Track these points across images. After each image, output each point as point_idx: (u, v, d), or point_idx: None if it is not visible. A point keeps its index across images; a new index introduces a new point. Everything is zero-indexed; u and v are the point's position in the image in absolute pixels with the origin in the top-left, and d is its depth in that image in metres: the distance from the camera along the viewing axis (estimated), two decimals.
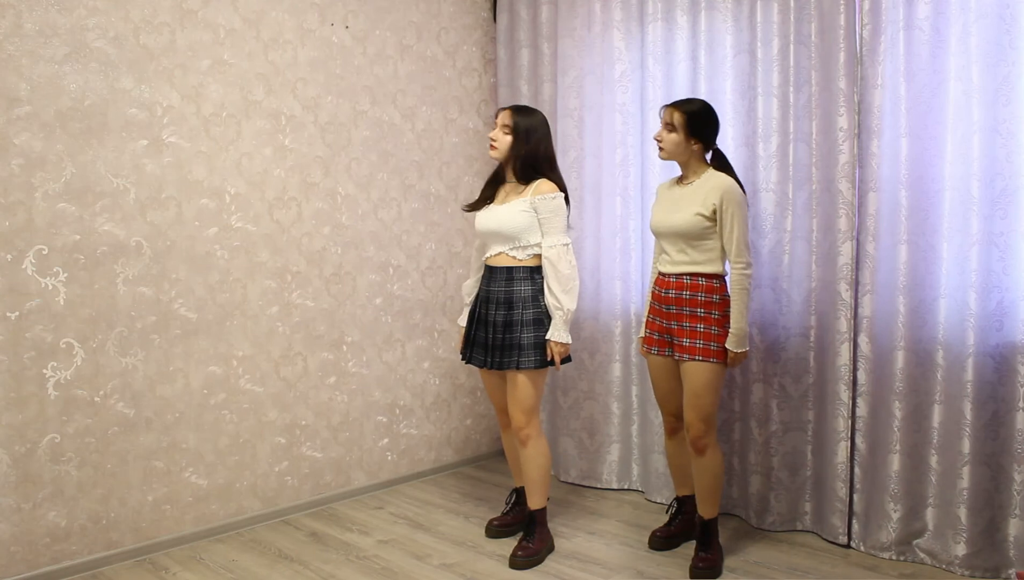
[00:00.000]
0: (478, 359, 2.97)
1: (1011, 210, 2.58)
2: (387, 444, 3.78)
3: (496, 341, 2.89)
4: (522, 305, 2.88)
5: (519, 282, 2.90)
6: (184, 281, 3.05)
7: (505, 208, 2.91)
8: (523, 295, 2.89)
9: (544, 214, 2.86)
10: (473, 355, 3.00)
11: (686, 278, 2.80)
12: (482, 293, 2.99)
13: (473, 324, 3.02)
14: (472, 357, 3.00)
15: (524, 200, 2.88)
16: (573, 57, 3.75)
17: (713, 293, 2.77)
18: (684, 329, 2.78)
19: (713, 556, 2.79)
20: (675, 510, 3.10)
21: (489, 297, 2.94)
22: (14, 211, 2.65)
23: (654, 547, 3.02)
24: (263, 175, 3.27)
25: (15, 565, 2.67)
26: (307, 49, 3.42)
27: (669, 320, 2.85)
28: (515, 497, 3.24)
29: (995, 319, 2.62)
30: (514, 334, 2.87)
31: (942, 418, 2.73)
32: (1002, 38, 2.57)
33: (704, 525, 2.83)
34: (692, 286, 2.78)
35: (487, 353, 2.92)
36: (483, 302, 2.98)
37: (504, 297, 2.90)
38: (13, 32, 2.63)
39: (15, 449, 2.67)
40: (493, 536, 3.16)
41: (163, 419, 3.01)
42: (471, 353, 3.01)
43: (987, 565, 2.66)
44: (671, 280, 2.83)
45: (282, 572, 2.84)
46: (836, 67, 2.90)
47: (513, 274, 2.91)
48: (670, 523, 3.08)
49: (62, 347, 2.76)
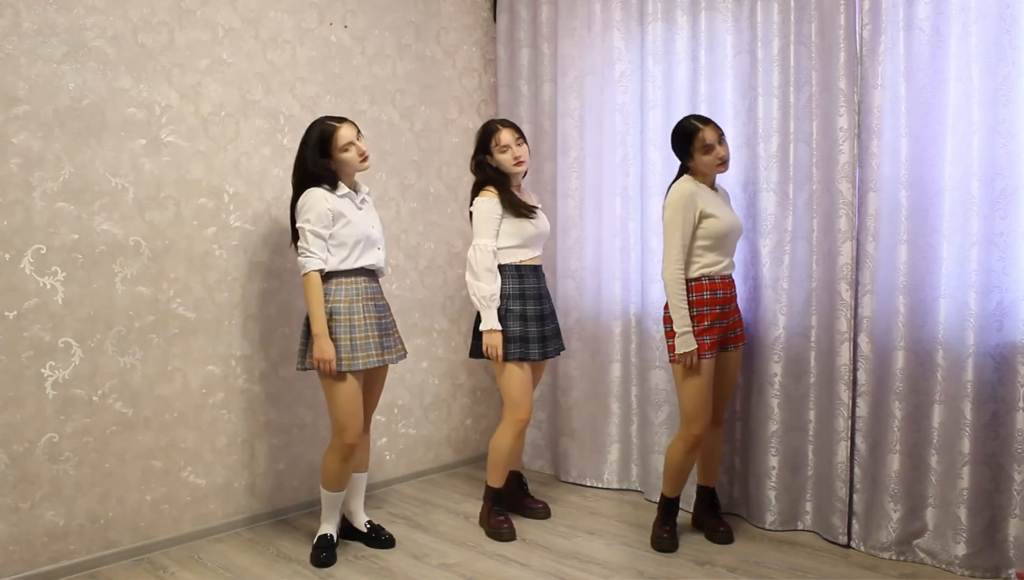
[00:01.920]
0: (539, 352, 3.17)
1: (1011, 210, 2.58)
2: (386, 444, 3.78)
3: (551, 331, 3.26)
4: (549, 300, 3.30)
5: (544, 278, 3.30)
6: (182, 280, 3.05)
7: (541, 212, 3.26)
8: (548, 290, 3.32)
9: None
10: (530, 350, 3.14)
11: (730, 278, 3.01)
12: (532, 290, 3.19)
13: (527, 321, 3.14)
14: (529, 353, 3.14)
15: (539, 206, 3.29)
16: (573, 57, 3.75)
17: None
18: (735, 324, 3.03)
19: (727, 523, 3.09)
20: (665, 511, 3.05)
21: (541, 294, 3.23)
22: (12, 210, 2.64)
23: (664, 549, 2.97)
24: (262, 175, 3.26)
25: (13, 564, 2.67)
26: (306, 49, 3.41)
27: (727, 319, 2.98)
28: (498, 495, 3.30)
29: (995, 319, 2.62)
30: (556, 322, 3.32)
31: (942, 418, 2.72)
32: (1002, 38, 2.56)
33: (711, 493, 3.11)
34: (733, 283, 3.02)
35: (546, 344, 3.21)
36: (533, 299, 3.18)
37: (545, 291, 3.28)
38: (11, 31, 2.63)
39: (13, 448, 2.66)
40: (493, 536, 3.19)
41: (161, 418, 3.00)
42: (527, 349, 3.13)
43: (987, 565, 2.65)
44: (729, 280, 2.99)
45: (281, 572, 2.84)
46: (836, 67, 2.90)
47: (543, 272, 3.31)
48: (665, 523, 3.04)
49: (60, 346, 2.75)
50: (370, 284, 2.93)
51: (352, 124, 2.89)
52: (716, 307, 2.89)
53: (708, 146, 2.86)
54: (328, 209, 2.79)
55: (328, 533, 2.97)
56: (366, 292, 2.89)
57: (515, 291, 3.13)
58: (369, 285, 2.92)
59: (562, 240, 3.79)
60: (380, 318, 2.92)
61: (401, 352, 3.04)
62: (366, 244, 2.89)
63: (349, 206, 2.86)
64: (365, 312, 2.86)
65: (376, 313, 2.91)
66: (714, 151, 2.87)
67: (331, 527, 2.99)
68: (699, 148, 2.87)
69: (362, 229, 2.87)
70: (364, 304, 2.87)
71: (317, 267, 2.79)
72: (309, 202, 2.80)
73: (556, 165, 3.83)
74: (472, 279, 3.09)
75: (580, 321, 3.76)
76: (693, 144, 2.88)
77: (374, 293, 2.94)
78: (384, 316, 2.96)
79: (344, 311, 2.82)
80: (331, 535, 2.98)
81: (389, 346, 2.96)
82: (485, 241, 3.09)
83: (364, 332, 2.84)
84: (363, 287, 2.89)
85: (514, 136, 3.15)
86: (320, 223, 2.79)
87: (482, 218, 3.11)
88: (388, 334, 2.96)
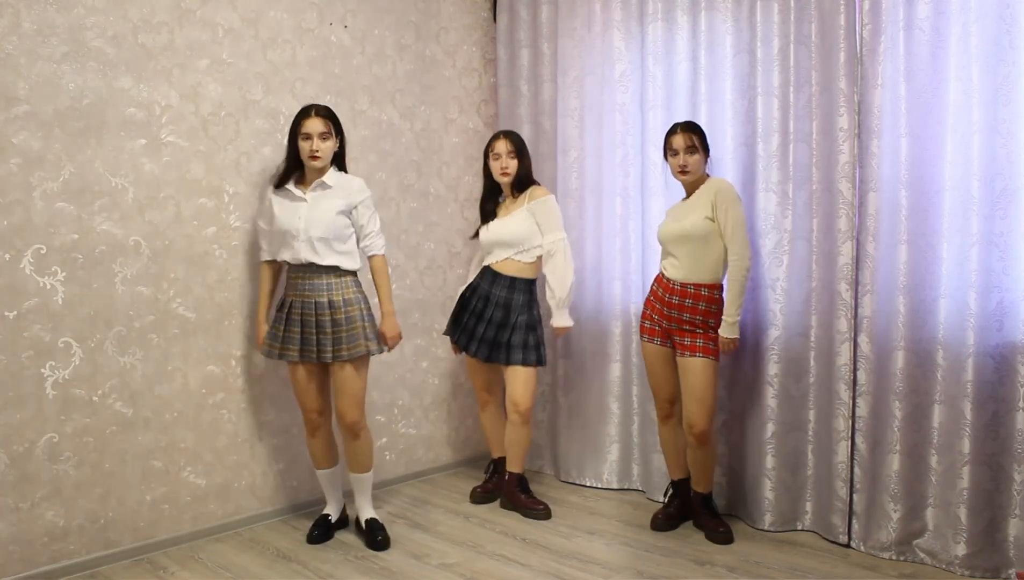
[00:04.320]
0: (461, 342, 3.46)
1: (1011, 210, 2.58)
2: (386, 443, 3.78)
3: (487, 336, 3.38)
4: (517, 312, 3.37)
5: (519, 293, 3.38)
6: (182, 280, 3.05)
7: (510, 219, 3.39)
8: (519, 303, 3.38)
9: (540, 216, 3.37)
10: (459, 338, 3.47)
11: (690, 288, 3.01)
12: (483, 290, 3.41)
13: (465, 311, 3.44)
14: (459, 339, 3.48)
15: (523, 209, 3.39)
16: (573, 57, 3.74)
17: (712, 303, 3.02)
18: (684, 332, 3.04)
19: (726, 522, 3.11)
20: (672, 493, 3.25)
21: (489, 298, 3.39)
22: (12, 210, 2.64)
23: (657, 528, 3.18)
24: (262, 175, 3.26)
25: (13, 564, 2.67)
26: (306, 48, 3.41)
27: (670, 322, 3.06)
28: (493, 467, 3.66)
29: (995, 319, 2.62)
30: (507, 335, 3.37)
31: (942, 418, 2.72)
32: (1002, 38, 2.56)
33: (705, 498, 3.14)
34: (695, 296, 3.01)
35: (478, 344, 3.40)
36: (481, 298, 3.40)
37: (504, 301, 3.37)
38: (11, 31, 2.63)
39: (13, 448, 2.66)
40: (477, 502, 3.55)
41: (161, 418, 3.00)
42: (457, 335, 3.48)
43: (987, 565, 2.65)
44: (675, 287, 3.02)
45: (280, 572, 2.84)
46: (836, 67, 2.90)
47: (515, 285, 3.38)
48: (669, 505, 3.23)
49: (60, 346, 2.75)
50: (304, 279, 2.95)
51: (325, 120, 2.94)
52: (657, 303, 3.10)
53: (673, 151, 3.04)
54: (267, 203, 3.04)
55: (327, 513, 3.17)
56: (298, 287, 2.96)
57: (474, 283, 3.47)
58: (302, 280, 2.95)
59: None
60: (314, 315, 2.92)
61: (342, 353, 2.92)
62: (285, 237, 2.95)
63: (280, 199, 3.00)
64: (294, 308, 2.97)
65: (303, 310, 2.94)
66: (677, 157, 3.02)
67: (331, 508, 3.19)
68: (668, 150, 3.07)
69: (283, 221, 2.95)
70: (294, 299, 2.97)
71: (262, 258, 3.10)
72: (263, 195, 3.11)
73: (556, 165, 3.83)
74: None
75: (580, 321, 3.75)
76: (666, 146, 3.08)
77: (307, 289, 2.94)
78: (328, 313, 2.91)
79: (285, 303, 3.01)
80: (329, 515, 3.16)
81: (322, 344, 2.91)
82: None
83: (286, 326, 2.97)
84: (296, 280, 2.98)
85: (508, 148, 3.38)
86: (263, 218, 3.07)
87: None
88: (321, 331, 2.91)
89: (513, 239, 3.36)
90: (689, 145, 3.00)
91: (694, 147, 3.00)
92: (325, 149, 2.93)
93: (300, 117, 2.93)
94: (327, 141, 2.93)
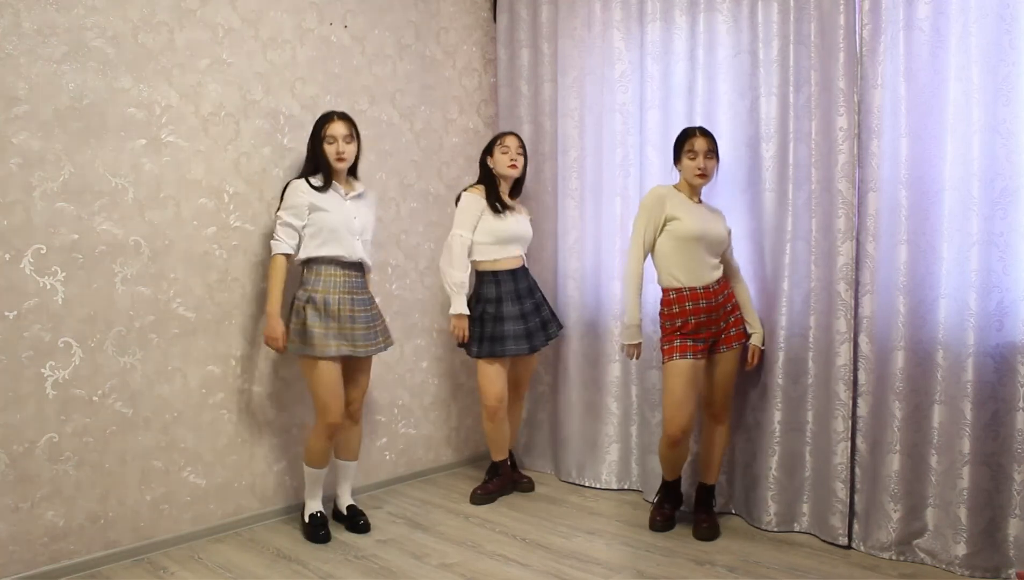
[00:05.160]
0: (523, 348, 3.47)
1: (1011, 210, 2.58)
2: (386, 443, 3.78)
3: (538, 325, 3.54)
4: (538, 290, 3.62)
5: (531, 276, 3.63)
6: (182, 280, 3.05)
7: (523, 219, 3.59)
8: (535, 284, 3.63)
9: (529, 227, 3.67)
10: (507, 347, 3.44)
11: (721, 281, 3.09)
12: (508, 291, 3.48)
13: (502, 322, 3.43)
14: (507, 349, 3.44)
15: (524, 215, 3.61)
16: (573, 57, 3.75)
17: (732, 298, 3.14)
18: (730, 322, 3.09)
19: (714, 518, 3.14)
20: (663, 495, 3.25)
21: (519, 294, 3.50)
22: (12, 210, 2.64)
23: (656, 529, 3.17)
24: (261, 174, 3.27)
25: (13, 564, 2.67)
26: (306, 48, 3.41)
27: (718, 324, 3.06)
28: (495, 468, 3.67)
29: (995, 319, 2.62)
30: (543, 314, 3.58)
31: (942, 418, 2.72)
32: (1002, 38, 2.56)
33: (707, 490, 3.15)
34: (724, 286, 3.10)
35: (532, 339, 3.50)
36: (512, 299, 3.48)
37: (529, 289, 3.56)
38: (12, 31, 2.63)
39: (13, 448, 2.66)
40: (477, 503, 3.54)
41: (161, 418, 3.00)
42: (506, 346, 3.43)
43: (987, 565, 2.65)
44: (714, 287, 3.06)
45: (280, 571, 2.84)
46: (836, 67, 2.90)
47: (528, 272, 3.61)
48: (662, 505, 3.23)
49: (60, 346, 2.75)
50: (348, 277, 3.05)
51: (347, 123, 3.06)
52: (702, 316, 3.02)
53: (694, 153, 3.02)
54: (305, 201, 3.00)
55: (319, 511, 3.17)
56: (343, 284, 3.03)
57: (492, 295, 3.46)
58: (348, 277, 3.04)
59: (562, 240, 3.79)
60: (356, 311, 3.04)
61: (380, 345, 3.15)
62: (341, 234, 3.02)
63: (327, 198, 3.04)
64: (340, 304, 3.01)
65: (352, 306, 3.04)
66: (696, 160, 3.01)
67: (318, 504, 3.19)
68: (687, 152, 3.03)
69: (339, 219, 3.02)
70: (340, 296, 3.01)
71: (282, 251, 3.00)
72: (288, 192, 3.04)
73: (556, 165, 3.84)
74: (446, 266, 3.42)
75: (580, 321, 3.76)
76: (683, 147, 3.05)
77: (352, 286, 3.06)
78: (366, 309, 3.10)
79: (320, 300, 2.98)
80: (321, 512, 3.18)
81: (370, 338, 3.09)
82: (462, 232, 3.42)
83: (338, 322, 2.99)
84: (340, 278, 3.03)
85: (517, 145, 3.52)
86: (293, 213, 3.00)
87: (463, 210, 3.45)
88: (370, 327, 3.08)
89: (528, 238, 3.62)
90: (710, 149, 3.03)
91: (713, 152, 3.04)
92: (350, 151, 3.07)
93: (323, 122, 3.06)
94: (351, 144, 3.08)
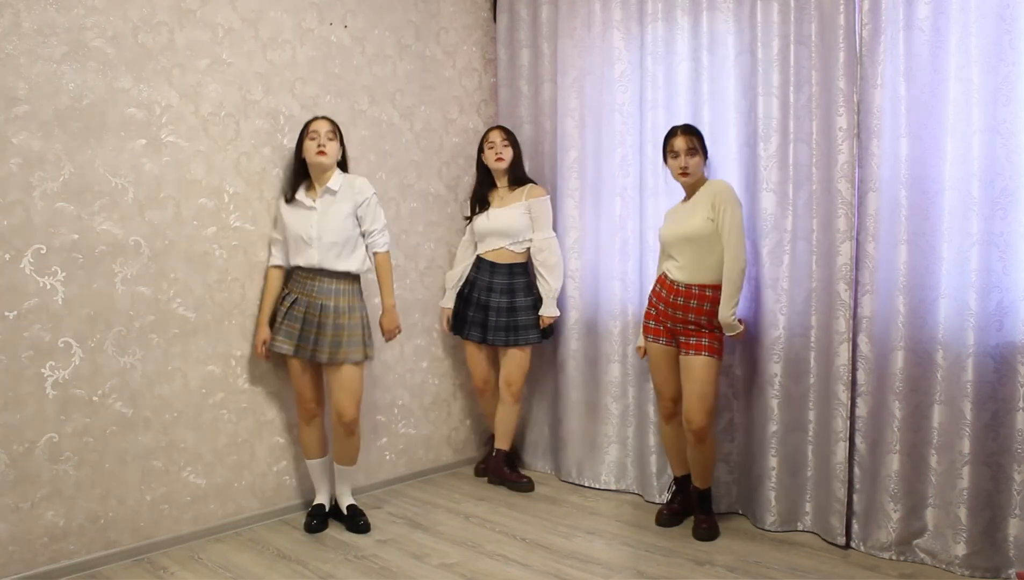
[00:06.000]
0: (475, 336, 3.68)
1: (1011, 210, 2.58)
2: (385, 443, 3.78)
3: (499, 323, 3.62)
4: (523, 293, 3.65)
5: (518, 277, 3.67)
6: (182, 280, 3.05)
7: (507, 210, 3.65)
8: (521, 286, 3.67)
9: (536, 213, 3.66)
10: (470, 333, 3.69)
11: (694, 289, 3.04)
12: (483, 282, 3.66)
13: (469, 306, 3.67)
14: (469, 334, 3.69)
15: (521, 204, 3.65)
16: (573, 57, 3.74)
17: (715, 303, 3.03)
18: (689, 331, 3.06)
19: (712, 519, 3.13)
20: (675, 489, 3.30)
21: (492, 287, 3.64)
22: (12, 210, 2.64)
23: (662, 524, 3.22)
24: (261, 174, 3.27)
25: (13, 564, 2.67)
26: (306, 48, 3.41)
27: (674, 322, 3.10)
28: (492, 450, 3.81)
29: (995, 319, 2.62)
30: (517, 317, 3.63)
31: (942, 418, 2.72)
32: (1002, 38, 2.56)
33: (702, 494, 3.14)
34: (699, 297, 3.03)
35: (486, 332, 3.65)
36: (483, 289, 3.65)
37: (507, 288, 3.64)
38: (11, 31, 2.63)
39: (13, 448, 2.66)
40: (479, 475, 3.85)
41: (161, 418, 3.00)
42: (467, 330, 3.70)
43: (987, 565, 2.65)
44: (679, 288, 3.05)
45: (281, 571, 2.84)
46: (836, 67, 2.90)
47: (514, 270, 3.66)
48: (672, 501, 3.28)
49: (60, 346, 2.75)
50: (318, 283, 3.11)
51: (329, 121, 3.16)
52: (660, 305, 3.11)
53: (674, 153, 3.07)
54: (278, 213, 3.21)
55: (321, 503, 3.28)
56: (312, 290, 3.11)
57: (471, 279, 3.70)
58: (317, 283, 3.11)
59: (562, 240, 3.79)
60: (324, 317, 3.09)
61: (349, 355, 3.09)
62: (297, 243, 3.12)
63: (290, 208, 3.15)
64: (309, 308, 3.10)
65: (320, 312, 3.09)
66: (678, 158, 3.05)
67: (323, 497, 3.29)
68: (669, 152, 3.08)
69: (296, 228, 3.12)
70: (309, 300, 3.11)
71: (271, 263, 3.22)
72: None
73: (556, 165, 3.83)
74: None
75: (580, 321, 3.76)
76: (666, 148, 3.10)
77: (322, 292, 3.11)
78: (339, 317, 3.10)
79: (289, 301, 3.13)
80: (323, 504, 3.27)
81: (336, 346, 3.08)
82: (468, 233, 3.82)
83: (301, 325, 3.10)
84: (308, 284, 3.12)
85: (501, 137, 3.67)
86: (275, 227, 3.23)
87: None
88: (339, 335, 3.08)
89: (511, 230, 3.63)
90: (690, 147, 3.04)
91: (694, 149, 3.05)
92: (332, 148, 3.11)
93: (307, 123, 3.17)
94: (333, 141, 3.13)
